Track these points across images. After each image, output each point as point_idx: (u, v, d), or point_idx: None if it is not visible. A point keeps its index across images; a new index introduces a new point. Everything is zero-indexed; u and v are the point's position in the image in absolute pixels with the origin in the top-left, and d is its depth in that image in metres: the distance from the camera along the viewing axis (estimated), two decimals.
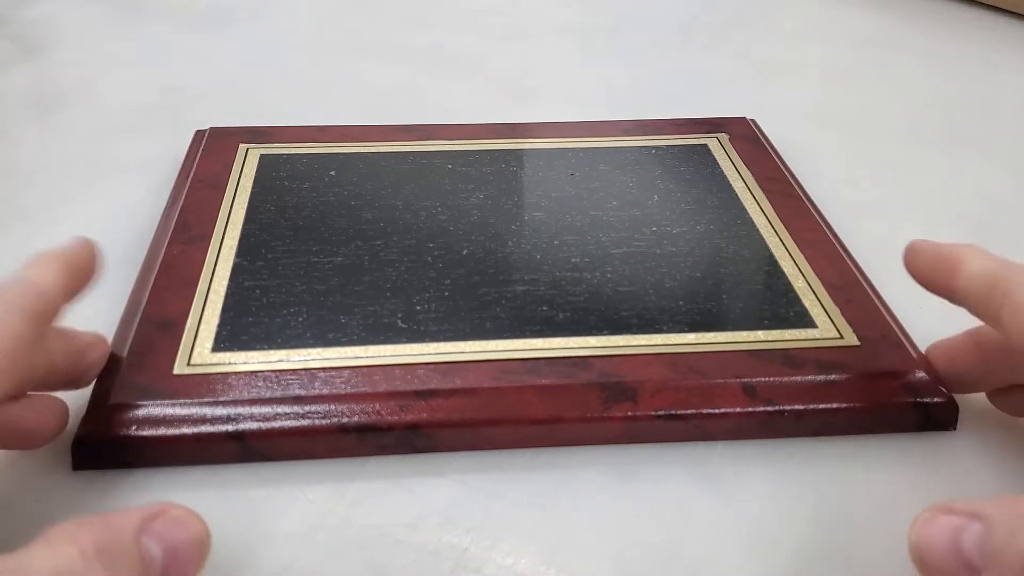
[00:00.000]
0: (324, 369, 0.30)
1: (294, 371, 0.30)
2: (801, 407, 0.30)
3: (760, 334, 0.32)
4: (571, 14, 0.64)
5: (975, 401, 0.31)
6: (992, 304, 0.26)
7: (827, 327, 0.32)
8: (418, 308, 0.32)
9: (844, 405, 0.30)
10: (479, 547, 0.27)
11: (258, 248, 0.35)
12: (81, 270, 0.28)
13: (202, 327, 0.31)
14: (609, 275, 0.34)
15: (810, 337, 0.32)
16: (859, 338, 0.32)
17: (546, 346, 0.31)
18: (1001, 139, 0.49)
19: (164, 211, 0.39)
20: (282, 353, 0.30)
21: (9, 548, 0.21)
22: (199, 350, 0.30)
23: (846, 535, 0.27)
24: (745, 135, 0.44)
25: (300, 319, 0.32)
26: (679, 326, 0.32)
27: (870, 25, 0.63)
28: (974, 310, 0.27)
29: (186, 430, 0.28)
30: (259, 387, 0.29)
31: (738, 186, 0.40)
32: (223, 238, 0.36)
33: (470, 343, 0.31)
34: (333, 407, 0.29)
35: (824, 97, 0.53)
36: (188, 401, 0.28)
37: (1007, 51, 0.59)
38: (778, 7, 0.66)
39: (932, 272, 0.28)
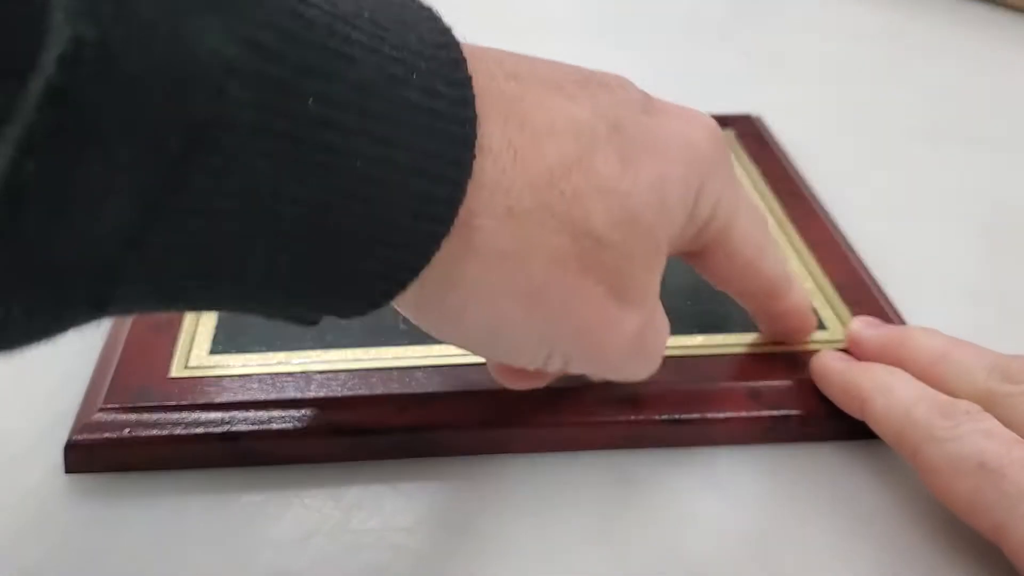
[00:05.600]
0: (321, 372, 0.29)
1: (291, 374, 0.29)
2: (806, 412, 0.29)
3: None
4: (574, 11, 0.64)
5: None
6: (904, 454, 0.27)
7: (836, 329, 0.32)
8: None
9: None
10: (478, 552, 0.26)
11: None
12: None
13: (199, 329, 0.31)
14: None
15: (819, 339, 0.31)
16: None
17: None
18: (1012, 138, 0.49)
19: None
20: (281, 356, 0.30)
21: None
22: (196, 352, 0.30)
23: (851, 540, 0.27)
24: (751, 133, 0.44)
25: None
26: (686, 328, 0.31)
27: (878, 21, 0.62)
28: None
29: (181, 433, 0.28)
30: (254, 389, 0.29)
31: (745, 184, 0.40)
32: None
33: None
34: (329, 410, 0.28)
35: (831, 94, 0.53)
36: (183, 404, 0.28)
37: (1018, 48, 0.59)
38: (784, 3, 0.66)
39: (842, 404, 0.29)
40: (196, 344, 0.30)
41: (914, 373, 0.28)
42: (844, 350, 0.30)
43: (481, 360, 0.30)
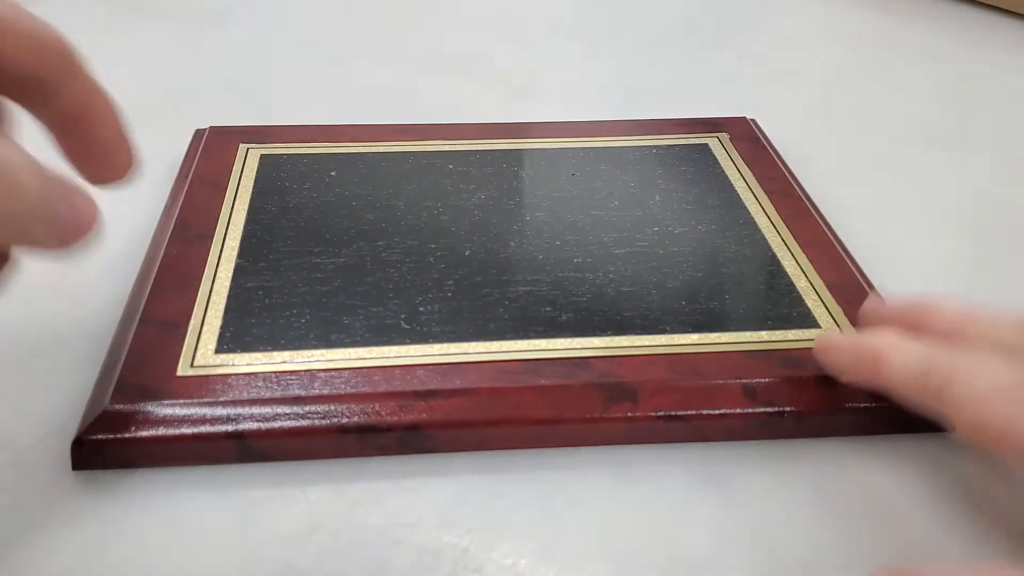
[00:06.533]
0: (325, 370, 0.30)
1: (295, 372, 0.30)
2: (801, 408, 0.30)
3: (763, 334, 0.32)
4: (571, 14, 0.64)
5: None
6: (927, 400, 0.26)
7: (830, 327, 0.32)
8: (421, 309, 0.32)
9: (844, 406, 0.30)
10: (479, 547, 0.27)
11: (260, 249, 0.35)
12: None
13: (205, 328, 0.31)
14: (612, 275, 0.34)
15: (813, 337, 0.32)
16: None
17: (549, 347, 0.31)
18: (1003, 140, 0.49)
19: (164, 210, 0.38)
20: (285, 355, 0.30)
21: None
22: (202, 351, 0.30)
23: (847, 536, 0.27)
24: (745, 135, 0.44)
25: (303, 320, 0.32)
26: (682, 327, 0.32)
27: (871, 25, 0.63)
28: (907, 402, 0.27)
29: (186, 430, 0.28)
30: (259, 387, 0.29)
31: (739, 186, 0.40)
32: (224, 239, 0.36)
33: (473, 344, 0.31)
34: (333, 407, 0.29)
35: (824, 97, 0.53)
36: (189, 401, 0.28)
37: (1009, 52, 0.59)
38: (778, 7, 0.66)
39: (853, 370, 0.28)
40: (202, 343, 0.30)
41: (938, 330, 0.27)
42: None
43: (484, 358, 0.30)
